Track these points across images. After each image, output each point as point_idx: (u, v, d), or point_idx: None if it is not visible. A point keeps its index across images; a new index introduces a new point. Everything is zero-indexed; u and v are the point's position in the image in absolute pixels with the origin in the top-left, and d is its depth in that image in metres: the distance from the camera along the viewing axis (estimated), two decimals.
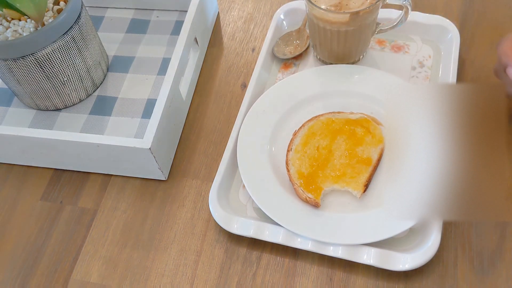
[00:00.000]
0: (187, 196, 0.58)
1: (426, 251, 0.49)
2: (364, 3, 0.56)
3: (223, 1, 0.76)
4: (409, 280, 0.50)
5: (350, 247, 0.50)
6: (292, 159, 0.56)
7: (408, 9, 0.58)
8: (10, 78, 0.60)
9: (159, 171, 0.57)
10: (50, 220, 0.58)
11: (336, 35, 0.59)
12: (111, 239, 0.56)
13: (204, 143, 0.62)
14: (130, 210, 0.57)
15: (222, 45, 0.71)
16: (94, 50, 0.64)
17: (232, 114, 0.63)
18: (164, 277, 0.52)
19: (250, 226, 0.52)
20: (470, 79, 0.63)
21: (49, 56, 0.58)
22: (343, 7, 0.57)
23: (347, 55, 0.63)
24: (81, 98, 0.65)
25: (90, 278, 0.53)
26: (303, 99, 0.61)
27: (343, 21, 0.56)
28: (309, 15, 0.60)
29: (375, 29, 0.62)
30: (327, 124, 0.57)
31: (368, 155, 0.55)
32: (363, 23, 0.57)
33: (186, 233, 0.55)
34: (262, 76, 0.64)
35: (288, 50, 0.67)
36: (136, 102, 0.65)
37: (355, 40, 0.60)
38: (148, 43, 0.70)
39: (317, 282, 0.51)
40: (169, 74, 0.59)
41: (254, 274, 0.52)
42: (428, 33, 0.66)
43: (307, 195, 0.53)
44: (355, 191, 0.53)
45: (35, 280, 0.54)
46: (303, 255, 0.52)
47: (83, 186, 0.60)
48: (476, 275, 0.50)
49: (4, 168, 0.62)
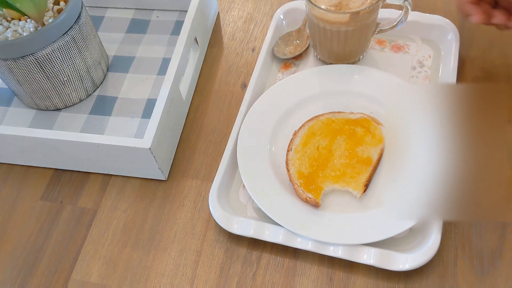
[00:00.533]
0: (187, 196, 0.58)
1: (426, 251, 0.49)
2: (364, 3, 0.56)
3: (223, 1, 0.76)
4: (409, 280, 0.50)
5: (350, 247, 0.50)
6: (292, 159, 0.56)
7: (408, 9, 0.58)
8: (10, 78, 0.60)
9: (159, 171, 0.57)
10: (50, 220, 0.58)
11: (336, 35, 0.59)
12: (111, 239, 0.56)
13: (204, 143, 0.62)
14: (130, 210, 0.57)
15: (222, 45, 0.71)
16: (94, 50, 0.64)
17: (232, 114, 0.63)
18: (164, 277, 0.52)
19: (250, 226, 0.52)
20: (470, 79, 0.63)
21: (49, 56, 0.58)
22: (343, 7, 0.57)
23: (347, 55, 0.63)
24: (81, 98, 0.65)
25: (90, 278, 0.53)
26: (303, 99, 0.61)
27: (343, 21, 0.56)
28: (309, 15, 0.60)
29: (375, 29, 0.62)
30: (327, 124, 0.57)
31: (368, 155, 0.55)
32: (363, 23, 0.57)
33: (186, 233, 0.55)
34: (262, 76, 0.64)
35: (288, 50, 0.67)
36: (136, 102, 0.65)
37: (355, 40, 0.60)
38: (148, 43, 0.70)
39: (317, 282, 0.51)
40: (169, 74, 0.59)
41: (254, 274, 0.52)
42: (428, 33, 0.66)
43: (307, 195, 0.53)
44: (355, 191, 0.53)
45: (35, 280, 0.54)
46: (303, 255, 0.52)
47: (83, 186, 0.60)
48: (476, 275, 0.50)
49: (4, 168, 0.62)
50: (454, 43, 0.63)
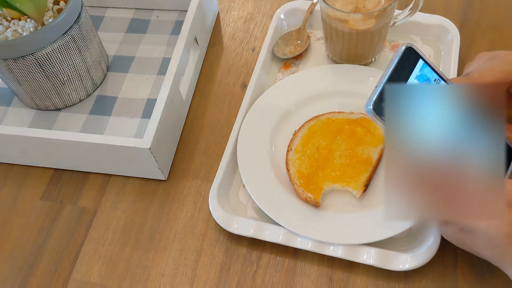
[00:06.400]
0: (187, 196, 0.58)
1: (426, 251, 0.49)
2: (379, 2, 0.56)
3: (223, 1, 0.76)
4: (409, 280, 0.50)
5: (350, 247, 0.50)
6: (292, 159, 0.56)
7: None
8: (10, 78, 0.60)
9: (159, 171, 0.57)
10: (50, 220, 0.58)
11: (355, 37, 0.58)
12: (111, 239, 0.56)
13: (204, 143, 0.62)
14: (130, 210, 0.57)
15: (222, 45, 0.71)
16: (94, 50, 0.64)
17: (232, 114, 0.63)
18: (164, 277, 0.52)
19: (250, 226, 0.52)
20: None
21: (49, 56, 0.58)
22: (361, 9, 0.57)
23: (359, 57, 0.62)
24: (81, 98, 0.65)
25: (90, 278, 0.53)
26: (303, 99, 0.61)
27: (361, 22, 0.56)
28: (322, 16, 0.59)
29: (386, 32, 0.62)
30: (327, 124, 0.57)
31: (368, 155, 0.55)
32: (379, 23, 0.57)
33: (186, 233, 0.55)
34: (262, 76, 0.64)
35: (288, 50, 0.67)
36: (136, 102, 0.65)
37: (374, 40, 0.60)
38: (148, 43, 0.70)
39: (317, 282, 0.51)
40: (169, 74, 0.59)
41: (254, 274, 0.52)
42: (428, 33, 0.66)
43: (307, 195, 0.53)
44: (355, 191, 0.53)
45: (35, 279, 0.54)
46: (303, 255, 0.52)
47: (83, 186, 0.60)
48: (476, 275, 0.50)
49: (4, 168, 0.62)
50: (454, 43, 0.63)
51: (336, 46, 0.62)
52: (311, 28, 0.69)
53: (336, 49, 0.62)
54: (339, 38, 0.60)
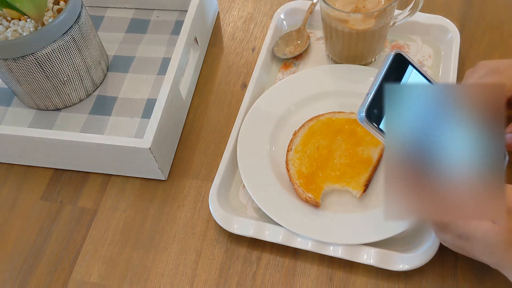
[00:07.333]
0: (187, 196, 0.58)
1: (426, 251, 0.49)
2: (379, 2, 0.56)
3: (223, 1, 0.76)
4: (409, 280, 0.50)
5: (350, 247, 0.50)
6: (292, 159, 0.56)
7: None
8: (10, 78, 0.60)
9: (159, 171, 0.57)
10: (50, 220, 0.58)
11: (356, 37, 0.58)
12: (111, 239, 0.56)
13: (204, 143, 0.62)
14: (130, 210, 0.57)
15: (222, 45, 0.71)
16: (94, 50, 0.64)
17: (232, 114, 0.63)
18: (164, 277, 0.52)
19: (250, 226, 0.52)
20: None
21: (49, 56, 0.58)
22: (361, 9, 0.57)
23: (365, 56, 0.62)
24: (81, 98, 0.65)
25: (90, 278, 0.53)
26: (303, 99, 0.61)
27: (361, 22, 0.56)
28: (322, 16, 0.59)
29: (387, 31, 0.62)
30: (327, 124, 0.57)
31: (368, 155, 0.55)
32: (380, 23, 0.57)
33: (186, 233, 0.55)
34: (262, 76, 0.64)
35: (288, 50, 0.67)
36: (136, 102, 0.65)
37: (374, 40, 0.60)
38: (148, 43, 0.70)
39: (317, 282, 0.51)
40: (169, 74, 0.59)
41: (254, 274, 0.52)
42: (428, 33, 0.66)
43: (307, 195, 0.53)
44: (355, 191, 0.53)
45: (35, 279, 0.54)
46: (303, 255, 0.52)
47: (83, 186, 0.60)
48: (476, 275, 0.50)
49: (4, 168, 0.62)
50: (454, 43, 0.63)
51: (336, 46, 0.62)
52: (311, 28, 0.69)
53: (336, 49, 0.62)
54: (339, 38, 0.60)
